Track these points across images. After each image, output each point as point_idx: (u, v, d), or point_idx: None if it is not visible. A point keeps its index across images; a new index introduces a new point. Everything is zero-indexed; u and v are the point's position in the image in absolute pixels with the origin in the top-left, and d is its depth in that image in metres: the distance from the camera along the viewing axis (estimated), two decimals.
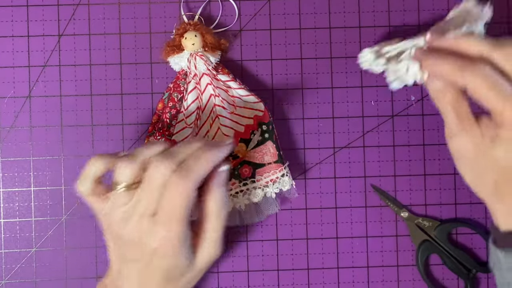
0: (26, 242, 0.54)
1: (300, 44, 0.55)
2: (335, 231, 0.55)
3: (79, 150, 0.54)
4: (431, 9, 0.55)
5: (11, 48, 0.54)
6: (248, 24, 0.55)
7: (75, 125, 0.54)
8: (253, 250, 0.54)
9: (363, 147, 0.55)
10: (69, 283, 0.54)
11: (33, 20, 0.54)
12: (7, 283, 0.54)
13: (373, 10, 0.55)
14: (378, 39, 0.55)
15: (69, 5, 0.54)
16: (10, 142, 0.54)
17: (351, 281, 0.55)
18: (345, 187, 0.55)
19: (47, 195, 0.54)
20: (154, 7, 0.55)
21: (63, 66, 0.54)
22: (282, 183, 0.52)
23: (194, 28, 0.52)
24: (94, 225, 0.54)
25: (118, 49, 0.54)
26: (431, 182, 0.55)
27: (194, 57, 0.51)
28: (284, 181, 0.52)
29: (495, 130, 0.39)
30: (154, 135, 0.52)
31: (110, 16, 0.54)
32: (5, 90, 0.54)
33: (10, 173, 0.54)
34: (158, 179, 0.41)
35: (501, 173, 0.40)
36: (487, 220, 0.55)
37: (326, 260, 0.55)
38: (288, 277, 0.55)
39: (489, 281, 0.55)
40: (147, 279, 0.42)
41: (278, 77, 0.55)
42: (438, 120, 0.55)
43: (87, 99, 0.54)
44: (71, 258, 0.54)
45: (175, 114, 0.52)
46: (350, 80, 0.55)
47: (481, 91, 0.38)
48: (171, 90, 0.53)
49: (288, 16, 0.55)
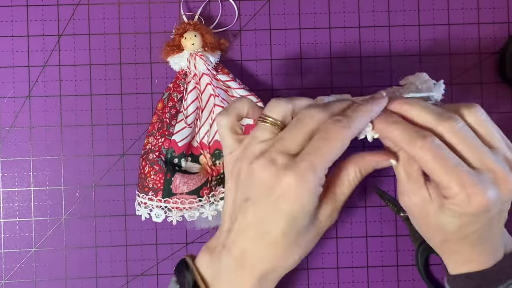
0: (26, 242, 0.54)
1: (300, 44, 0.55)
2: (335, 231, 0.55)
3: (79, 150, 0.54)
4: (431, 9, 0.55)
5: (11, 48, 0.54)
6: (248, 24, 0.55)
7: (75, 125, 0.54)
8: None
9: (363, 147, 0.55)
10: (69, 283, 0.54)
11: (33, 20, 0.54)
12: (7, 283, 0.54)
13: (373, 10, 0.55)
14: (378, 39, 0.55)
15: (69, 5, 0.54)
16: (10, 142, 0.54)
17: (351, 281, 0.55)
18: None
19: (46, 195, 0.54)
20: (154, 7, 0.55)
21: (63, 66, 0.54)
22: None
23: (194, 28, 0.52)
24: (94, 225, 0.54)
25: (118, 49, 0.54)
26: None
27: (194, 57, 0.51)
28: None
29: (442, 199, 0.39)
30: (154, 135, 0.52)
31: (110, 16, 0.54)
32: (5, 90, 0.54)
33: (10, 173, 0.54)
34: (310, 123, 0.39)
35: (447, 235, 0.40)
36: None
37: (326, 260, 0.55)
38: (289, 277, 0.55)
39: None
40: (269, 223, 0.39)
41: (278, 77, 0.55)
42: None
43: (87, 99, 0.54)
44: (71, 258, 0.54)
45: (175, 114, 0.52)
46: (350, 80, 0.55)
47: (428, 164, 0.38)
48: (170, 90, 0.53)
49: (288, 16, 0.55)
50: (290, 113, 0.40)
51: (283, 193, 0.38)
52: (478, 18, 0.55)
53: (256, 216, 0.40)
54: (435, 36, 0.55)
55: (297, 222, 0.39)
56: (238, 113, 0.42)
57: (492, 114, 0.55)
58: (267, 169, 0.38)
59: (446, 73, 0.55)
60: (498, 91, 0.55)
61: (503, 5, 0.55)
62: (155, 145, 0.51)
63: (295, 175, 0.37)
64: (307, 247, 0.41)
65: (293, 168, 0.38)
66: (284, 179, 0.38)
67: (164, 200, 0.50)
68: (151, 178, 0.51)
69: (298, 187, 0.38)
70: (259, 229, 0.40)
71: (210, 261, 0.42)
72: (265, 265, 0.40)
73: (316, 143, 0.38)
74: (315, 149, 0.38)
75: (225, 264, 0.41)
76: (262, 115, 0.40)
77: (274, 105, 0.40)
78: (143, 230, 0.54)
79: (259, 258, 0.40)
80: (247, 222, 0.40)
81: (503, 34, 0.55)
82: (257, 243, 0.40)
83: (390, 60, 0.55)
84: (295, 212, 0.38)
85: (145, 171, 0.51)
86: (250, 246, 0.40)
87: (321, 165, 0.38)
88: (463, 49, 0.55)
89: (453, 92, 0.55)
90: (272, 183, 0.38)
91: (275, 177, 0.38)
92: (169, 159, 0.51)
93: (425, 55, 0.55)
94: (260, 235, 0.40)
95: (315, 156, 0.38)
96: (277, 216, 0.39)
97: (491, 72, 0.55)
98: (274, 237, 0.39)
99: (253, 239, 0.40)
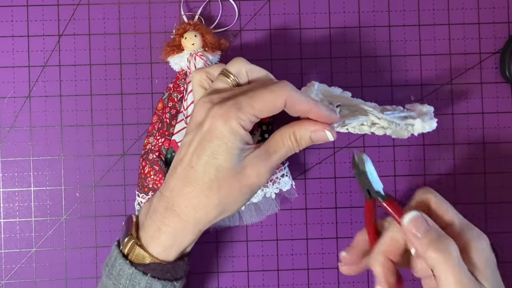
0: (26, 242, 0.54)
1: (300, 44, 0.55)
2: (335, 231, 0.55)
3: (79, 150, 0.54)
4: (431, 9, 0.55)
5: (11, 48, 0.54)
6: (248, 24, 0.55)
7: (75, 125, 0.54)
8: (253, 250, 0.54)
9: (363, 147, 0.55)
10: (69, 283, 0.54)
11: (33, 20, 0.54)
12: (7, 283, 0.54)
13: (373, 10, 0.55)
14: (378, 39, 0.55)
15: (69, 5, 0.54)
16: (10, 142, 0.54)
17: (351, 281, 0.55)
18: (345, 187, 0.55)
19: (47, 195, 0.54)
20: (154, 7, 0.55)
21: (63, 66, 0.54)
22: (282, 183, 0.52)
23: (194, 28, 0.52)
24: (94, 225, 0.54)
25: (118, 49, 0.54)
26: (431, 182, 0.55)
27: (194, 57, 0.51)
28: (284, 181, 0.52)
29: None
30: (154, 135, 0.52)
31: (110, 16, 0.54)
32: (5, 90, 0.54)
33: (10, 173, 0.54)
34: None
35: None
36: (487, 220, 0.55)
37: (326, 260, 0.55)
38: (288, 277, 0.55)
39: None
40: (194, 158, 0.42)
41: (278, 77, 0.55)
42: (438, 120, 0.55)
43: (87, 99, 0.54)
44: (71, 258, 0.54)
45: (175, 114, 0.52)
46: (350, 80, 0.55)
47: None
48: (171, 90, 0.53)
49: (288, 16, 0.55)
50: (246, 71, 0.43)
51: (209, 128, 0.41)
52: (478, 18, 0.55)
53: (186, 152, 0.42)
54: (435, 36, 0.55)
55: (218, 159, 0.41)
56: (208, 72, 0.45)
57: (492, 114, 0.55)
58: (202, 106, 0.42)
59: (446, 73, 0.55)
60: (498, 91, 0.55)
61: (503, 5, 0.55)
62: (155, 145, 0.51)
63: (221, 112, 0.40)
64: (229, 197, 0.42)
65: (221, 105, 0.41)
66: (210, 114, 0.41)
67: None
68: (151, 178, 0.51)
69: (220, 123, 0.40)
70: (184, 165, 0.42)
71: (147, 205, 0.45)
72: (184, 203, 0.42)
73: (250, 90, 0.41)
74: (245, 93, 0.41)
75: (155, 204, 0.44)
76: (223, 69, 0.44)
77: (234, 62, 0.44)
78: None
79: (182, 195, 0.42)
80: (179, 158, 0.43)
81: (503, 34, 0.55)
82: (181, 180, 0.42)
83: (390, 60, 0.55)
84: (215, 147, 0.41)
85: (145, 171, 0.51)
86: (176, 183, 0.42)
87: (247, 108, 0.40)
88: (463, 49, 0.55)
89: (453, 92, 0.55)
90: (202, 118, 0.41)
91: (206, 113, 0.41)
92: (169, 159, 0.51)
93: (425, 55, 0.55)
94: (184, 171, 0.42)
95: (243, 98, 0.41)
96: (200, 150, 0.41)
97: (491, 72, 0.55)
98: (195, 174, 0.41)
99: (178, 176, 0.42)
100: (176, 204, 0.42)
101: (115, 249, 0.45)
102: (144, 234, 0.44)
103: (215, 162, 0.41)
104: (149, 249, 0.43)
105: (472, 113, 0.55)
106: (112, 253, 0.45)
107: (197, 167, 0.41)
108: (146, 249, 0.43)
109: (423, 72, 0.55)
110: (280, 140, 0.43)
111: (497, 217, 0.55)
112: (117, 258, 0.44)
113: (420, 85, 0.55)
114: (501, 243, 0.55)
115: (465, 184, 0.55)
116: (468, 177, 0.55)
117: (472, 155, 0.55)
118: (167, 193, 0.43)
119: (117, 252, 0.44)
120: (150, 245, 0.43)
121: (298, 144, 0.43)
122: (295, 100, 0.41)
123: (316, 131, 0.42)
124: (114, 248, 0.45)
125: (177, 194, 0.42)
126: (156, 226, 0.43)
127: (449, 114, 0.55)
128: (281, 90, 0.41)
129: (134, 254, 0.44)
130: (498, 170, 0.55)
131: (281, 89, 0.41)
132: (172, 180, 0.43)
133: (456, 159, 0.55)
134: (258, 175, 0.42)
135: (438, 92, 0.55)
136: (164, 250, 0.43)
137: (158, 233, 0.43)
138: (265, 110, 0.41)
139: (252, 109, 0.40)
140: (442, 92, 0.55)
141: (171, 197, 0.42)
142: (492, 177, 0.55)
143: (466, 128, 0.55)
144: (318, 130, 0.42)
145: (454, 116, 0.55)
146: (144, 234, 0.44)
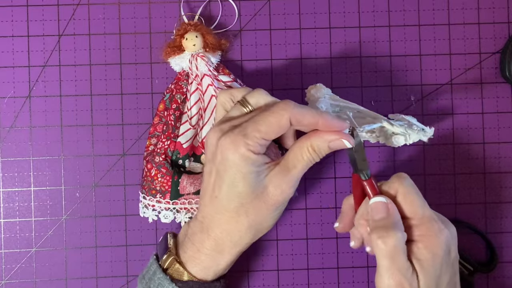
0: (26, 242, 0.54)
1: (300, 44, 0.55)
2: (335, 231, 0.55)
3: (79, 150, 0.54)
4: (431, 9, 0.55)
5: (11, 48, 0.54)
6: (248, 24, 0.55)
7: (75, 125, 0.54)
8: (253, 250, 0.54)
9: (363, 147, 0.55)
10: (69, 283, 0.54)
11: (33, 20, 0.54)
12: (7, 283, 0.54)
13: (373, 10, 0.55)
14: (378, 39, 0.55)
15: (69, 5, 0.54)
16: (10, 142, 0.54)
17: (351, 281, 0.55)
18: (345, 187, 0.55)
19: (47, 195, 0.54)
20: (154, 7, 0.55)
21: (63, 66, 0.54)
22: None
23: (194, 28, 0.52)
24: (94, 225, 0.54)
25: (118, 49, 0.54)
26: (431, 182, 0.55)
27: (196, 58, 0.51)
28: None
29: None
30: (157, 137, 0.52)
31: (110, 16, 0.54)
32: (5, 90, 0.54)
33: (10, 173, 0.54)
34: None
35: None
36: (487, 220, 0.55)
37: (326, 260, 0.55)
38: (288, 277, 0.55)
39: (489, 281, 0.55)
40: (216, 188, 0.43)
41: (278, 77, 0.55)
42: (438, 120, 0.55)
43: (87, 99, 0.54)
44: (71, 258, 0.54)
45: (179, 116, 0.52)
46: (350, 80, 0.55)
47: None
48: (172, 91, 0.53)
49: (288, 16, 0.55)
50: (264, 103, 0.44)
51: (221, 159, 0.42)
52: (478, 18, 0.55)
53: (208, 182, 0.44)
54: (435, 36, 0.55)
55: (237, 187, 0.42)
56: (233, 95, 0.46)
57: (492, 114, 0.55)
58: (213, 135, 0.43)
59: (446, 73, 0.55)
60: (498, 91, 0.55)
61: (503, 5, 0.55)
62: (161, 148, 0.51)
63: (228, 141, 0.41)
64: (259, 218, 0.44)
65: (229, 134, 0.42)
66: (220, 143, 0.42)
67: (172, 202, 0.50)
68: (158, 181, 0.51)
69: (230, 153, 0.41)
70: (210, 194, 0.44)
71: (186, 226, 0.47)
72: (218, 228, 0.44)
73: (255, 116, 0.42)
74: (251, 118, 0.42)
75: (192, 228, 0.45)
76: (243, 97, 0.44)
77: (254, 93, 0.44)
78: (143, 230, 0.54)
79: (214, 222, 0.44)
80: (203, 187, 0.45)
81: (503, 34, 0.55)
82: (211, 208, 0.44)
83: (390, 60, 0.55)
84: (231, 176, 0.42)
85: (152, 174, 0.51)
86: (207, 210, 0.44)
87: (252, 133, 0.41)
88: (463, 49, 0.55)
89: (453, 92, 0.55)
90: (214, 148, 0.42)
91: (216, 143, 0.42)
92: (174, 160, 0.51)
93: (425, 55, 0.55)
94: (211, 201, 0.44)
95: (249, 124, 0.41)
96: (219, 181, 0.43)
97: (491, 72, 0.55)
98: (221, 203, 0.43)
99: (208, 205, 0.44)
100: (211, 230, 0.44)
101: (153, 262, 0.46)
102: (183, 253, 0.46)
103: (235, 190, 0.42)
104: (187, 267, 0.45)
105: (472, 113, 0.55)
106: (151, 266, 0.46)
107: (220, 196, 0.43)
108: (185, 266, 0.45)
109: (423, 72, 0.55)
110: (299, 153, 0.43)
111: (497, 217, 0.55)
112: (157, 272, 0.45)
113: (420, 85, 0.55)
114: (501, 243, 0.55)
115: (465, 184, 0.55)
116: (468, 177, 0.55)
117: (471, 155, 0.55)
118: (202, 219, 0.45)
119: (157, 266, 0.45)
120: (189, 263, 0.45)
121: (318, 154, 0.43)
122: (299, 117, 0.41)
123: (333, 140, 0.42)
124: (153, 261, 0.46)
125: (210, 221, 0.44)
126: (195, 248, 0.45)
127: (449, 114, 0.55)
128: (283, 109, 0.41)
129: (173, 270, 0.45)
130: (498, 170, 0.55)
131: (282, 109, 0.41)
132: (203, 208, 0.45)
133: (456, 159, 0.55)
134: (282, 193, 0.43)
135: (438, 92, 0.55)
136: (203, 270, 0.45)
137: (198, 254, 0.45)
138: (270, 132, 0.42)
139: (259, 133, 0.41)
140: (442, 92, 0.55)
141: (205, 223, 0.44)
142: (492, 177, 0.55)
143: (466, 128, 0.55)
144: (335, 140, 0.42)
145: (454, 116, 0.55)
146: (183, 253, 0.46)
